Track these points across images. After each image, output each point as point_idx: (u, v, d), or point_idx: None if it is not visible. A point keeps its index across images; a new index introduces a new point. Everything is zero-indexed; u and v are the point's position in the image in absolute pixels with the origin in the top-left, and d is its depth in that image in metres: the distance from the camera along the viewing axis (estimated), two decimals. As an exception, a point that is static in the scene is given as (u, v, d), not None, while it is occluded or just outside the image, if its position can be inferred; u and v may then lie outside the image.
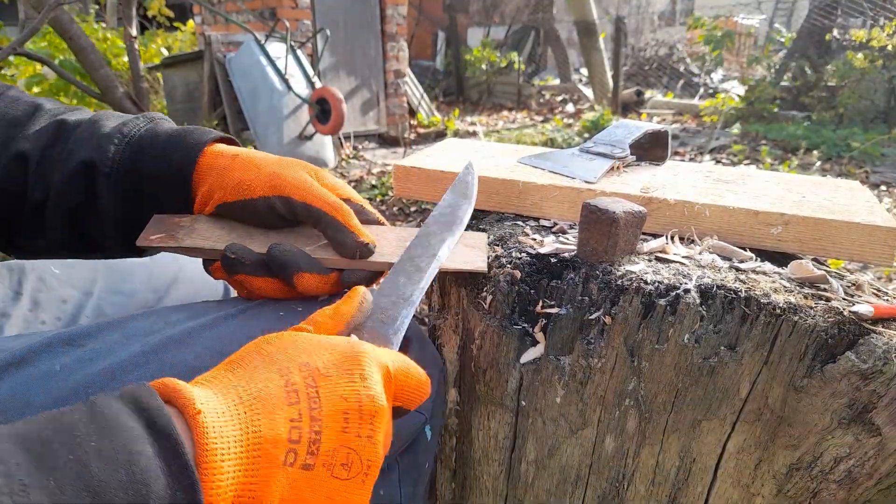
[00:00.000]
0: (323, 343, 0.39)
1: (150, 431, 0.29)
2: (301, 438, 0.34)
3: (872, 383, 0.47)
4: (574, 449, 0.61)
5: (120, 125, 0.54)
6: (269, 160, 0.53)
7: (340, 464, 0.35)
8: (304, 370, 0.36)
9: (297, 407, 0.34)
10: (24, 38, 1.72)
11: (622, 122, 0.81)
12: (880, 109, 5.26)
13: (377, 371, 0.38)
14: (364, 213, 0.57)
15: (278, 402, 0.34)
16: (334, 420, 0.35)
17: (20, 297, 0.64)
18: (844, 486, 0.52)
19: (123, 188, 0.53)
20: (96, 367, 0.42)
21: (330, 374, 0.37)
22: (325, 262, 0.52)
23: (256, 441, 0.32)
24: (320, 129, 3.84)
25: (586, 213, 0.55)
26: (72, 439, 0.28)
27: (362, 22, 5.18)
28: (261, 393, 0.34)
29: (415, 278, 0.50)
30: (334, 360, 0.37)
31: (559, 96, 8.36)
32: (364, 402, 0.36)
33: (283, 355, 0.37)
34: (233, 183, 0.51)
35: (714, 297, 0.51)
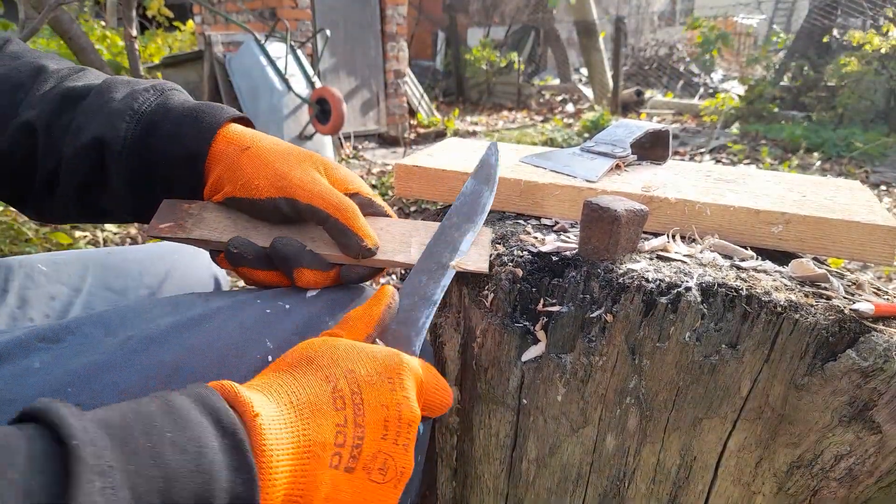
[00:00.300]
0: (365, 351, 0.41)
1: (217, 428, 0.32)
2: (346, 443, 0.36)
3: (873, 381, 0.47)
4: (575, 447, 0.61)
5: (130, 99, 0.53)
6: (279, 155, 0.53)
7: (378, 468, 0.37)
8: (350, 378, 0.39)
9: (342, 413, 0.37)
10: (24, 38, 1.72)
11: (623, 121, 0.81)
12: (880, 109, 5.27)
13: (413, 381, 0.41)
14: (373, 206, 0.57)
15: (326, 408, 0.37)
16: (375, 427, 0.38)
17: (7, 294, 0.64)
18: (845, 484, 0.52)
19: (134, 167, 0.53)
20: (76, 363, 0.41)
21: (373, 383, 0.39)
22: (326, 257, 0.52)
23: (307, 444, 0.35)
24: (320, 129, 3.85)
25: (588, 212, 0.55)
26: (150, 428, 0.30)
27: (362, 22, 5.18)
28: (310, 399, 0.37)
29: (436, 276, 0.51)
30: (376, 369, 0.40)
31: (559, 96, 8.37)
32: (403, 412, 0.39)
33: (328, 362, 0.40)
34: (242, 180, 0.52)
35: (715, 296, 0.51)
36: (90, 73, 0.58)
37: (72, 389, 0.40)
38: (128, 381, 0.41)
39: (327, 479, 0.35)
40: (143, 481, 0.28)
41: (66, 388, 0.40)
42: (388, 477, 0.38)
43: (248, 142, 0.53)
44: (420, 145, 5.18)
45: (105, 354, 0.42)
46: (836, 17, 6.04)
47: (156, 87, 0.56)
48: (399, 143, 5.28)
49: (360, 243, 0.51)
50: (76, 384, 0.40)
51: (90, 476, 0.26)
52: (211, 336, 0.46)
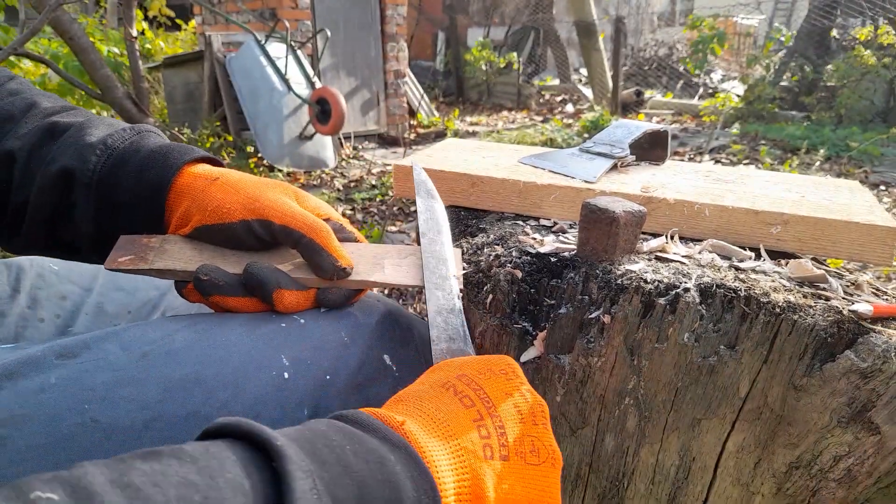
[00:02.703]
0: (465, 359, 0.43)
1: (386, 444, 0.33)
2: (490, 434, 0.37)
3: (872, 382, 0.47)
4: (574, 448, 0.61)
5: (106, 136, 0.54)
6: (249, 182, 0.53)
7: (530, 451, 0.38)
8: (464, 379, 0.40)
9: (474, 409, 0.39)
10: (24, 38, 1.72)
11: (622, 122, 0.81)
12: (879, 109, 5.27)
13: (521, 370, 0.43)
14: (343, 231, 0.57)
15: (457, 409, 0.38)
16: (510, 414, 0.39)
17: (18, 294, 0.64)
18: (844, 484, 0.52)
19: (100, 200, 0.53)
20: (94, 378, 0.41)
21: (489, 377, 0.41)
22: (302, 280, 0.52)
23: (455, 442, 0.36)
24: (320, 130, 3.85)
25: (586, 213, 0.55)
26: (329, 443, 0.31)
27: (362, 22, 5.18)
28: (438, 407, 0.38)
29: (446, 287, 0.53)
30: (485, 366, 0.42)
31: (559, 96, 8.37)
32: (526, 393, 0.41)
33: (436, 376, 0.41)
34: (212, 206, 0.51)
35: (714, 296, 0.51)
36: (79, 112, 0.58)
37: (89, 406, 0.40)
38: (148, 396, 0.41)
39: (489, 472, 0.36)
40: (340, 489, 0.29)
41: (84, 404, 0.40)
42: (543, 458, 0.39)
43: (217, 174, 0.54)
44: (420, 145, 5.18)
45: (123, 370, 0.42)
46: (836, 17, 6.04)
47: (134, 127, 0.56)
48: (399, 144, 5.28)
49: (335, 263, 0.50)
50: (94, 400, 0.40)
51: (301, 475, 0.27)
52: (229, 351, 0.46)
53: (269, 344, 0.48)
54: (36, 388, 0.40)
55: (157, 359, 0.44)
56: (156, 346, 0.45)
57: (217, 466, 0.26)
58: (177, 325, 0.48)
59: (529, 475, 0.38)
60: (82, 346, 0.44)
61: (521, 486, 0.37)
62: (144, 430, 0.40)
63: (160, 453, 0.26)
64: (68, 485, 0.23)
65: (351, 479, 0.29)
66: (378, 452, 0.32)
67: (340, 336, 0.51)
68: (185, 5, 6.38)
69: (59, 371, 0.41)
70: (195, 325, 0.48)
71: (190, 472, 0.25)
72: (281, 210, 0.51)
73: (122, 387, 0.41)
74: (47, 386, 0.40)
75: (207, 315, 0.51)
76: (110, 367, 0.42)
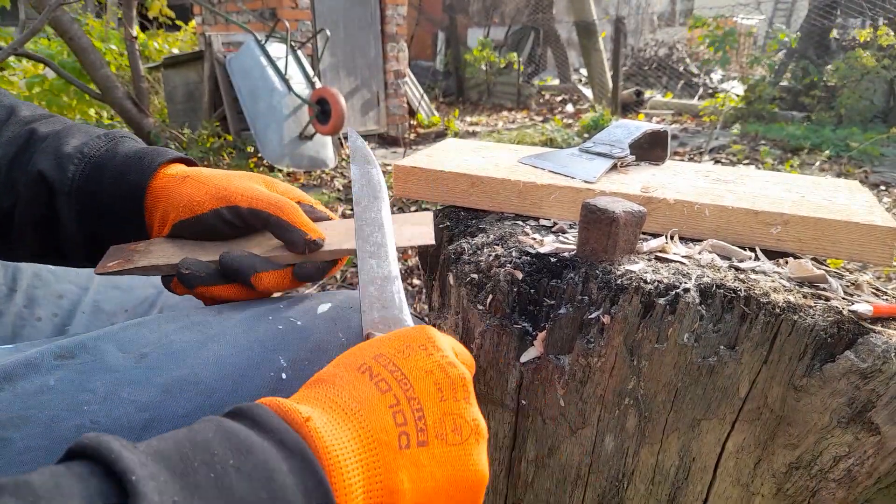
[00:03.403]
0: (382, 338, 0.40)
1: (281, 449, 0.30)
2: (407, 421, 0.35)
3: (872, 382, 0.47)
4: (574, 448, 0.61)
5: (82, 144, 0.55)
6: (218, 175, 0.54)
7: (451, 430, 0.36)
8: (380, 360, 0.38)
9: (391, 393, 0.36)
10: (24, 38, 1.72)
11: (622, 122, 0.81)
12: (880, 109, 5.27)
13: (446, 342, 0.40)
14: (314, 212, 0.58)
15: (372, 395, 0.36)
16: (429, 394, 0.37)
17: (14, 293, 0.64)
18: (844, 485, 0.52)
19: (82, 208, 0.54)
20: (92, 380, 0.41)
21: (407, 355, 0.38)
22: (276, 259, 0.53)
23: (368, 434, 0.34)
24: (320, 130, 3.85)
25: (586, 213, 0.55)
26: (210, 458, 0.28)
27: (362, 22, 5.18)
28: (351, 394, 0.36)
29: (381, 255, 0.51)
30: (402, 343, 0.39)
31: (559, 96, 8.37)
32: (448, 371, 0.38)
33: (351, 359, 0.39)
34: (184, 202, 0.53)
35: (713, 297, 0.51)
36: (56, 120, 0.59)
37: (88, 407, 0.40)
38: (146, 397, 0.41)
39: (405, 462, 0.34)
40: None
41: (83, 405, 0.40)
42: (466, 435, 0.37)
43: (188, 172, 0.55)
44: (420, 145, 5.17)
45: (121, 371, 0.43)
46: (836, 18, 6.04)
47: (108, 134, 0.57)
48: (399, 144, 5.28)
49: (305, 237, 0.52)
50: (93, 402, 0.40)
51: None
52: (226, 351, 0.46)
53: (267, 345, 0.48)
54: (35, 389, 0.40)
55: (155, 360, 0.44)
56: (154, 347, 0.45)
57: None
58: (174, 325, 0.48)
59: (452, 456, 0.36)
60: (80, 347, 0.44)
61: (443, 468, 0.35)
62: (144, 430, 0.40)
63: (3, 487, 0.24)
64: None
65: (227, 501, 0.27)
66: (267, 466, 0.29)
67: (338, 337, 0.51)
68: (185, 5, 6.38)
69: (57, 373, 0.41)
70: (193, 325, 0.48)
71: None
72: (247, 194, 0.52)
73: (120, 388, 0.41)
74: (46, 388, 0.40)
75: (204, 315, 0.51)
76: (109, 369, 0.42)
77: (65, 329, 0.64)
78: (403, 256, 2.56)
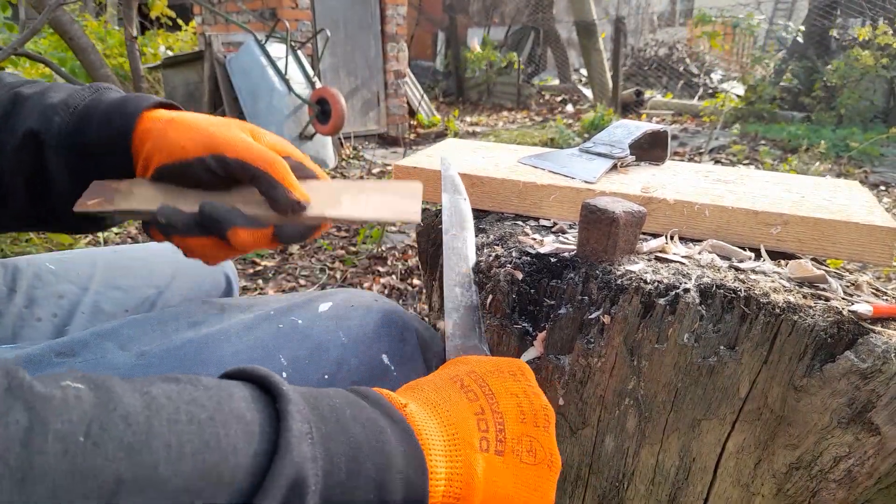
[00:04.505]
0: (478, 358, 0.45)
1: (386, 417, 0.34)
2: (489, 428, 0.39)
3: (872, 383, 0.47)
4: (574, 448, 0.61)
5: (66, 97, 0.54)
6: (205, 121, 0.52)
7: (526, 450, 0.39)
8: (473, 375, 0.42)
9: (477, 403, 0.40)
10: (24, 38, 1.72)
11: (622, 122, 0.81)
12: (880, 109, 5.27)
13: (533, 375, 0.44)
14: (303, 169, 0.56)
15: (460, 400, 0.40)
16: (512, 412, 0.40)
17: (14, 294, 0.64)
18: (844, 485, 0.52)
19: (70, 158, 0.53)
20: None
21: (497, 376, 0.42)
22: (258, 217, 0.51)
23: (453, 430, 0.37)
24: (320, 130, 3.84)
25: (586, 213, 0.55)
26: (332, 402, 0.33)
27: (362, 22, 5.18)
28: (442, 396, 0.40)
29: (465, 284, 0.56)
30: (495, 366, 0.43)
31: (559, 96, 8.37)
32: (533, 398, 0.41)
33: (448, 371, 0.43)
34: (169, 145, 0.51)
35: (713, 297, 0.51)
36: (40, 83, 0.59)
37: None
38: None
39: (482, 463, 0.37)
40: (334, 443, 0.31)
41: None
42: (539, 458, 0.40)
43: (173, 115, 0.53)
44: (420, 146, 5.18)
45: (121, 369, 0.43)
46: (836, 18, 6.04)
47: (92, 86, 0.57)
48: (399, 144, 5.28)
49: (290, 196, 0.49)
50: None
51: (300, 418, 0.29)
52: (227, 350, 0.46)
53: (268, 344, 0.48)
54: None
55: (154, 357, 0.44)
56: (154, 346, 0.45)
57: (226, 397, 0.29)
58: (175, 323, 0.48)
59: (523, 473, 0.39)
60: (81, 344, 0.44)
61: (513, 481, 0.38)
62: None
63: (179, 378, 0.30)
64: (93, 383, 0.26)
65: (346, 437, 0.31)
66: (377, 423, 0.33)
67: (339, 336, 0.51)
68: (186, 5, 6.38)
69: (57, 370, 0.41)
70: (193, 324, 0.48)
71: (202, 396, 0.29)
72: (236, 145, 0.50)
73: None
74: None
75: (205, 314, 0.51)
76: (109, 366, 0.42)
77: (65, 329, 0.64)
78: (404, 256, 2.56)
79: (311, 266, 2.48)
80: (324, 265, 2.48)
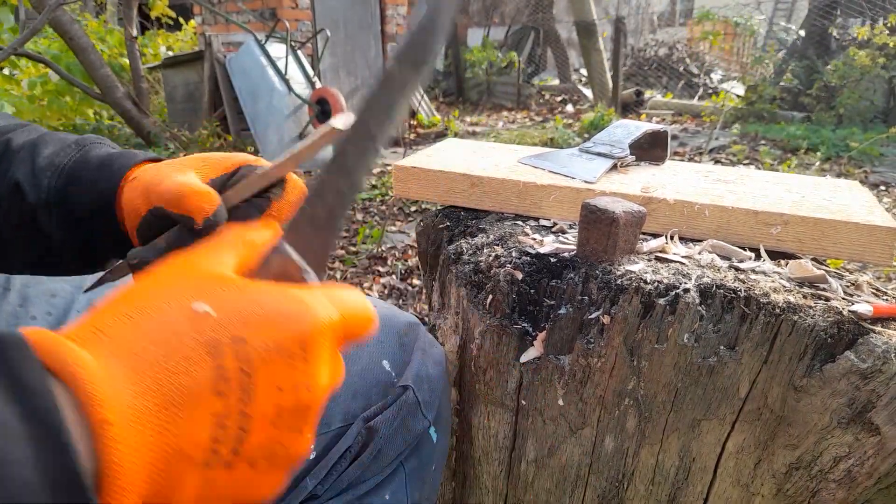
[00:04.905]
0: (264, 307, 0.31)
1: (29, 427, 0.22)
2: (225, 438, 0.29)
3: (872, 383, 0.47)
4: (574, 448, 0.61)
5: (53, 154, 0.54)
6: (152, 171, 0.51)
7: (262, 458, 0.30)
8: (240, 351, 0.30)
9: (224, 400, 0.29)
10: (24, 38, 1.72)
11: (622, 122, 0.81)
12: (880, 109, 5.27)
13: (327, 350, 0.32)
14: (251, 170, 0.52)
15: (203, 392, 0.28)
16: (265, 415, 0.30)
17: (8, 292, 0.64)
18: (844, 485, 0.52)
19: (60, 219, 0.53)
20: None
21: (270, 361, 0.30)
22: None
23: (174, 446, 0.27)
24: (320, 130, 3.84)
25: (586, 213, 0.55)
26: None
27: (362, 23, 5.19)
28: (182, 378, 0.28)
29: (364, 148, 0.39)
30: (277, 339, 0.30)
31: (559, 96, 8.37)
32: (302, 396, 0.31)
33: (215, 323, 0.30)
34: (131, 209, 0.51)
35: (713, 297, 0.51)
36: (32, 129, 0.58)
37: None
38: None
39: (199, 480, 0.28)
40: None
41: None
42: (276, 464, 0.31)
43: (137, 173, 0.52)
44: (420, 146, 5.17)
45: None
46: (836, 18, 6.04)
47: (79, 142, 0.56)
48: (399, 144, 5.29)
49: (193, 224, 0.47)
50: None
51: None
52: None
53: None
54: None
55: None
56: None
57: None
58: None
59: (250, 479, 0.31)
60: None
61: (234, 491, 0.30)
62: None
63: None
64: None
65: None
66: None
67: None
68: (186, 5, 6.38)
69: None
70: None
71: None
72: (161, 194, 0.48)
73: None
74: None
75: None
76: None
77: (59, 328, 0.64)
78: (404, 256, 2.56)
79: (311, 266, 2.48)
80: (324, 265, 2.48)
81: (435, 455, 0.59)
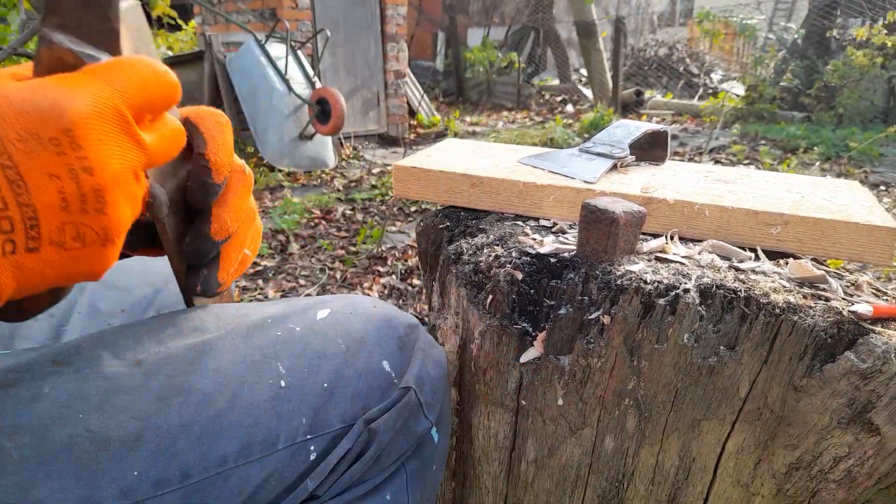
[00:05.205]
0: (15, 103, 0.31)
1: None
2: (14, 227, 0.30)
3: (872, 383, 0.47)
4: (574, 448, 0.61)
5: None
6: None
7: (71, 238, 0.33)
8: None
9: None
10: (24, 38, 1.72)
11: (622, 122, 0.81)
12: (879, 109, 5.27)
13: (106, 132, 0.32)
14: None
15: None
16: (49, 201, 0.31)
17: None
18: (844, 485, 0.52)
19: None
20: (87, 386, 0.41)
21: (30, 151, 0.30)
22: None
23: None
24: (320, 130, 3.85)
25: (586, 213, 0.55)
26: None
27: (362, 23, 5.19)
28: None
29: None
30: (33, 130, 0.30)
31: (559, 96, 8.37)
32: (85, 179, 0.32)
33: None
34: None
35: (713, 297, 0.51)
36: None
37: (82, 415, 0.39)
38: (144, 406, 0.41)
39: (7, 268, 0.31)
40: None
41: (78, 413, 0.39)
42: (90, 241, 0.33)
43: None
44: (420, 146, 5.18)
45: (116, 379, 0.42)
46: (836, 18, 6.04)
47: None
48: (399, 144, 5.29)
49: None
50: (87, 409, 0.40)
51: None
52: (224, 359, 0.45)
53: (266, 352, 0.47)
54: (29, 396, 0.39)
55: (150, 367, 0.43)
56: (149, 354, 0.44)
57: None
58: (171, 329, 0.47)
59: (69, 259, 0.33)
60: (75, 351, 0.43)
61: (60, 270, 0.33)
62: (137, 440, 0.40)
63: None
64: None
65: None
66: None
67: (338, 344, 0.51)
68: (186, 5, 6.39)
69: (52, 379, 0.41)
70: (190, 331, 0.48)
71: None
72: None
73: (115, 395, 0.41)
74: (40, 394, 0.39)
75: (202, 320, 0.50)
76: (103, 376, 0.41)
77: (61, 329, 0.64)
78: (404, 256, 2.56)
79: (311, 266, 2.48)
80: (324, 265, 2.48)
81: (436, 455, 0.59)
